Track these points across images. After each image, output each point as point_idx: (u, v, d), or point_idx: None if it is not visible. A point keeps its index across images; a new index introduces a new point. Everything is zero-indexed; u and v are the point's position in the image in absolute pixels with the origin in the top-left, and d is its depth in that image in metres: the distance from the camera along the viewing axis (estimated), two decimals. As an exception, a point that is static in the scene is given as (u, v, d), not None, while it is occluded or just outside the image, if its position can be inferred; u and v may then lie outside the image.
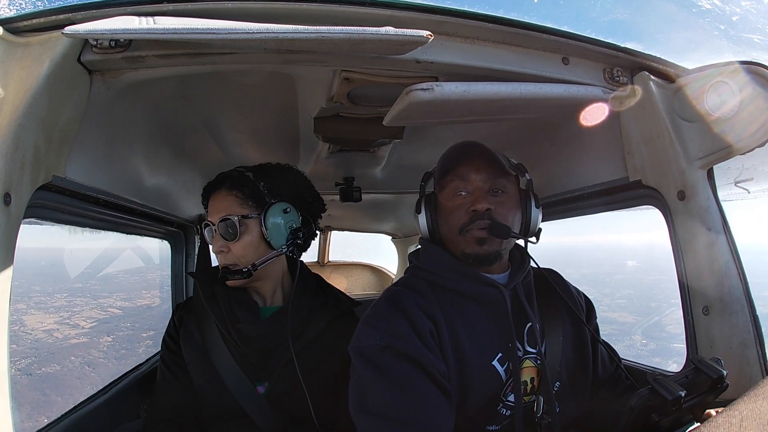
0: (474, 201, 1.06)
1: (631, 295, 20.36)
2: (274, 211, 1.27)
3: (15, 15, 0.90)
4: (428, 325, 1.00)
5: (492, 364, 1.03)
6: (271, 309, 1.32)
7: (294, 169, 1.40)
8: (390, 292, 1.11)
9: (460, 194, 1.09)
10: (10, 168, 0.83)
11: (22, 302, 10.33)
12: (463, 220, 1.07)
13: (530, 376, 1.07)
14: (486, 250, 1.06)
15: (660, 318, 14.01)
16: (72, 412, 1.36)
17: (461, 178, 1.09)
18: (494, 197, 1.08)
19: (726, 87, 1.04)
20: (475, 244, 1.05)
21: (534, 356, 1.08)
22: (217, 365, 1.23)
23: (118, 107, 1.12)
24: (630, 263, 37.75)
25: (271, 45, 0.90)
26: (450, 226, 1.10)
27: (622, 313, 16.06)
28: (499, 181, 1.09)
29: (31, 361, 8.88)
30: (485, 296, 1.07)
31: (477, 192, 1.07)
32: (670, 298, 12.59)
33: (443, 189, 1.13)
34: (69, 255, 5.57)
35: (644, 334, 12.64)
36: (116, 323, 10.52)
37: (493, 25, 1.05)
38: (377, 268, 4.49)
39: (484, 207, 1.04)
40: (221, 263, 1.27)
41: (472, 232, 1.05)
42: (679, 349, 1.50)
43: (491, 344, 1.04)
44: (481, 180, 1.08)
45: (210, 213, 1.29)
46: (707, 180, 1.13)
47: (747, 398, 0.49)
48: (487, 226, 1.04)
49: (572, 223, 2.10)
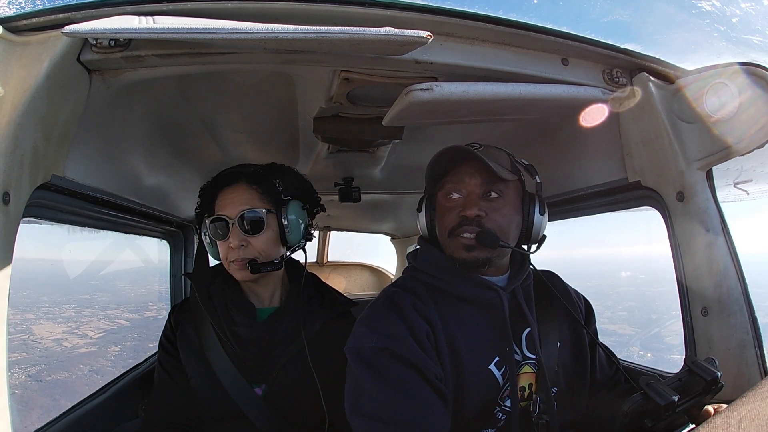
0: (465, 205, 1.04)
1: (632, 307, 20.42)
2: (294, 207, 1.28)
3: (15, 14, 0.89)
4: (425, 328, 1.00)
5: (489, 368, 1.02)
6: (269, 310, 1.31)
7: (295, 170, 1.41)
8: (387, 293, 1.10)
9: (455, 196, 1.08)
10: (9, 167, 0.83)
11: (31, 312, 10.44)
12: (452, 224, 1.05)
13: (528, 382, 1.06)
14: (474, 256, 1.03)
15: (659, 329, 14.08)
16: (70, 411, 1.36)
17: (456, 180, 1.08)
18: (488, 202, 1.05)
19: (725, 88, 1.04)
20: (463, 250, 1.04)
21: (533, 362, 1.07)
22: (214, 367, 1.22)
23: (117, 107, 1.12)
24: (632, 275, 37.79)
25: (270, 45, 0.90)
26: (441, 227, 1.09)
27: (623, 324, 16.14)
28: (496, 185, 1.06)
29: (41, 368, 8.97)
30: (483, 300, 1.06)
31: (470, 196, 1.05)
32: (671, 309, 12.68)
33: (441, 189, 1.12)
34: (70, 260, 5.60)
35: (642, 346, 12.73)
36: (123, 333, 10.59)
37: (492, 25, 1.05)
38: (376, 269, 4.49)
39: (473, 213, 1.02)
40: (240, 257, 1.22)
41: (459, 238, 1.04)
42: (677, 360, 1.51)
43: (488, 348, 1.04)
44: (475, 184, 1.06)
45: (222, 207, 1.24)
46: (706, 181, 1.13)
47: (746, 399, 0.49)
48: (476, 234, 1.02)
49: (579, 233, 2.09)
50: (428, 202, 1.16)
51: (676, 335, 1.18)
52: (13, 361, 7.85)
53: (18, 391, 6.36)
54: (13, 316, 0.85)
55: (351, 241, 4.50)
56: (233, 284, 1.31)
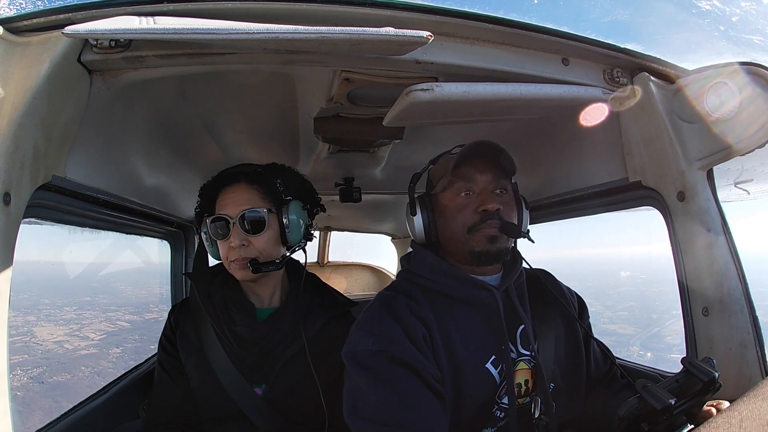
0: (483, 201, 1.07)
1: (633, 307, 20.40)
2: (294, 207, 1.28)
3: (15, 14, 0.89)
4: (421, 330, 1.01)
5: (485, 367, 1.04)
6: (269, 310, 1.31)
7: (296, 170, 1.41)
8: (382, 296, 1.11)
9: (466, 194, 1.10)
10: (10, 168, 0.83)
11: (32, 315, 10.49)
12: (473, 220, 1.08)
13: (524, 378, 1.08)
14: (497, 247, 1.08)
15: (660, 329, 14.10)
16: (71, 412, 1.36)
17: (466, 179, 1.10)
18: (499, 197, 1.10)
19: (726, 88, 1.04)
20: (487, 242, 1.07)
21: (528, 358, 1.08)
22: (213, 367, 1.22)
23: (117, 107, 1.12)
24: (632, 274, 37.67)
25: (271, 45, 0.90)
26: (456, 225, 1.10)
27: (623, 324, 16.15)
28: (502, 181, 1.11)
29: (42, 369, 9.03)
30: (477, 299, 1.08)
31: (484, 192, 1.09)
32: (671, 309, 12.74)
33: (445, 190, 1.13)
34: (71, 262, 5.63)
35: (642, 345, 12.74)
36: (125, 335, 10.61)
37: (493, 25, 1.05)
38: (377, 269, 4.49)
39: (494, 207, 1.07)
40: (241, 257, 1.21)
41: (483, 231, 1.07)
42: (675, 359, 1.51)
43: (484, 347, 1.05)
44: (486, 180, 1.10)
45: (223, 207, 1.24)
46: (707, 181, 1.13)
47: (746, 399, 0.49)
48: (498, 225, 1.07)
49: (580, 235, 2.09)
50: (423, 203, 1.17)
51: (677, 334, 1.17)
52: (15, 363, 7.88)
53: (20, 392, 6.38)
54: (14, 318, 0.85)
55: (351, 241, 4.50)
56: (233, 284, 1.31)
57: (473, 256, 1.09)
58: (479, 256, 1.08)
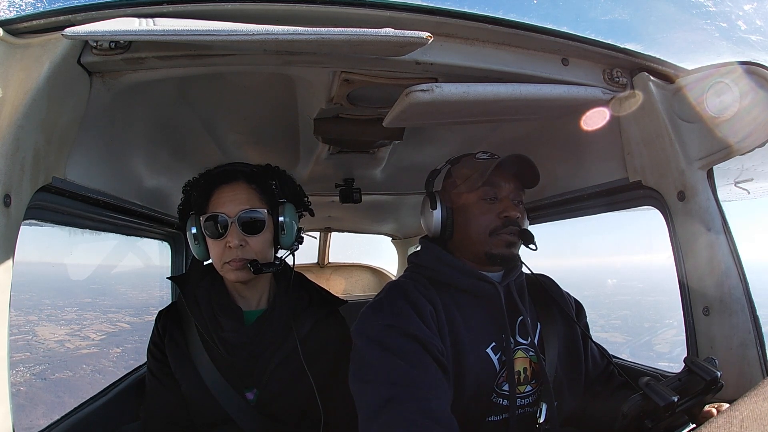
0: (506, 208, 1.15)
1: (626, 315, 20.39)
2: (289, 210, 1.27)
3: (15, 16, 0.89)
4: (428, 308, 1.07)
5: (486, 351, 1.09)
6: (256, 313, 1.27)
7: (288, 174, 1.38)
8: (392, 282, 1.19)
9: (491, 200, 1.17)
10: (10, 169, 0.83)
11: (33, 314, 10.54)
12: (495, 224, 1.14)
13: (523, 366, 1.12)
14: (513, 252, 1.16)
15: (650, 338, 14.18)
16: (71, 414, 1.36)
17: (494, 185, 1.16)
18: (517, 207, 1.17)
19: (726, 88, 1.04)
20: (504, 247, 1.14)
21: (525, 347, 1.14)
22: (201, 373, 1.20)
23: (117, 109, 1.12)
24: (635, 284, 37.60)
25: (270, 46, 0.90)
26: (479, 226, 1.16)
27: (614, 333, 16.21)
28: (521, 193, 1.20)
29: (45, 367, 9.07)
30: (481, 290, 1.14)
31: (506, 201, 1.16)
32: (664, 318, 12.79)
33: (471, 191, 1.18)
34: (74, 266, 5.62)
35: (631, 354, 12.81)
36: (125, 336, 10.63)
37: (492, 26, 1.05)
38: (377, 270, 4.49)
39: (515, 215, 1.14)
40: (238, 257, 1.18)
41: (503, 236, 1.14)
42: (665, 366, 1.53)
43: (485, 333, 1.11)
44: (510, 189, 1.17)
45: (220, 205, 1.20)
46: (707, 180, 1.13)
47: (747, 399, 0.49)
48: (517, 232, 1.14)
49: (581, 245, 2.08)
50: (444, 200, 1.21)
51: (666, 342, 1.18)
52: (17, 360, 7.95)
53: (23, 388, 6.39)
54: (16, 318, 0.86)
55: (351, 242, 4.50)
56: (219, 287, 1.28)
57: (489, 257, 1.14)
58: (495, 258, 1.14)
